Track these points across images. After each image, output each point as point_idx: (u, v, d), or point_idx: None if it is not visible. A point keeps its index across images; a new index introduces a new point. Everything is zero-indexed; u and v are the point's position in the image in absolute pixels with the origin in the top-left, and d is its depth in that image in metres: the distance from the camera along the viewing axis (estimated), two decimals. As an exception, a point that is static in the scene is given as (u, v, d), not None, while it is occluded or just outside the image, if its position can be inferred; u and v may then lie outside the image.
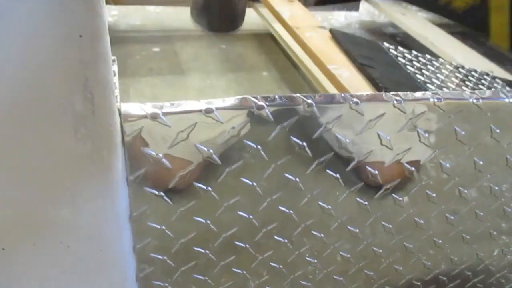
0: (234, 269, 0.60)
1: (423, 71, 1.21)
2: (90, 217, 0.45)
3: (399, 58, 1.23)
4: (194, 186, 0.50)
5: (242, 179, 0.51)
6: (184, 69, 1.77)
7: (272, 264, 0.62)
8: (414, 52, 1.34)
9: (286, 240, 0.60)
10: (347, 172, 0.55)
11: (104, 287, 0.51)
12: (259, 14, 1.78)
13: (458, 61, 1.66)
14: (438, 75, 1.23)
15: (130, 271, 0.53)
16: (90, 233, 0.46)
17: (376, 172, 0.56)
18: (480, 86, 1.26)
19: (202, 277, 0.59)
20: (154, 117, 0.43)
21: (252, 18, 1.97)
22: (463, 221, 0.68)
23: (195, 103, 0.45)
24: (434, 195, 0.62)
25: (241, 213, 0.54)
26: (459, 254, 0.75)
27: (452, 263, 0.76)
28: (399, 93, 0.52)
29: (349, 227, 0.61)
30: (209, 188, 0.50)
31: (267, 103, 0.47)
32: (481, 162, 0.61)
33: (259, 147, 0.49)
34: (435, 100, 0.52)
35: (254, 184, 0.52)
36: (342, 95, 0.49)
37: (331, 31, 1.25)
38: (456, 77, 1.26)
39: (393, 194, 0.60)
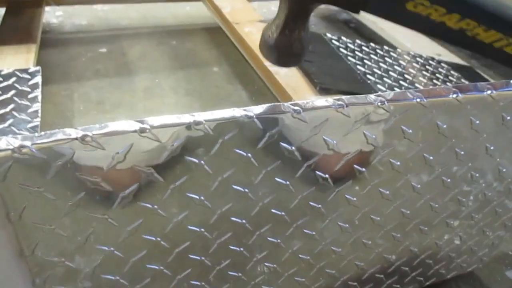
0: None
1: (365, 61, 1.20)
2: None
3: (341, 49, 1.22)
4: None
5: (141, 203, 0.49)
6: (132, 69, 1.72)
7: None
8: (357, 41, 1.32)
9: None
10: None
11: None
12: (208, 7, 1.74)
13: (406, 46, 1.65)
14: (381, 64, 1.22)
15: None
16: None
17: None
18: (424, 72, 1.26)
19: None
20: (20, 151, 0.40)
21: (202, 11, 1.92)
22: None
23: (72, 131, 0.42)
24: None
25: (148, 237, 0.52)
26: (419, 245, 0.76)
27: (412, 253, 0.76)
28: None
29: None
30: (105, 216, 0.48)
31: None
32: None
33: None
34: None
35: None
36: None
37: (270, 25, 1.22)
38: (400, 65, 1.25)
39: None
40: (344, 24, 2.26)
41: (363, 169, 0.58)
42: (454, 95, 0.55)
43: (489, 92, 0.57)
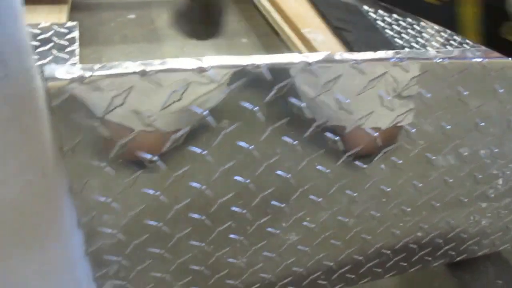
0: (191, 242, 0.58)
1: (403, 35, 1.17)
2: (20, 192, 0.41)
3: (378, 22, 1.19)
4: (139, 155, 0.46)
5: (190, 148, 0.48)
6: (160, 37, 1.71)
7: (232, 236, 0.59)
8: (394, 15, 1.29)
9: (245, 211, 0.57)
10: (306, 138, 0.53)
11: (49, 265, 0.49)
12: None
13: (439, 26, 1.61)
14: (419, 39, 1.19)
15: (76, 247, 0.51)
16: (24, 210, 0.43)
17: (337, 138, 0.53)
18: (462, 50, 1.23)
19: (158, 250, 0.57)
20: (82, 80, 0.39)
21: (231, -18, 1.90)
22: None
23: (130, 65, 0.41)
24: (401, 161, 0.60)
25: (194, 184, 0.51)
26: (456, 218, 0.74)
27: (449, 226, 0.75)
28: (357, 53, 0.48)
29: (311, 197, 0.59)
30: (155, 158, 0.47)
31: (210, 65, 0.43)
32: (449, 127, 0.58)
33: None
34: (397, 60, 0.49)
35: (204, 153, 0.49)
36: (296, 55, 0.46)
37: (307, -7, 1.20)
38: (437, 41, 1.22)
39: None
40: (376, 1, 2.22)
41: (412, 130, 0.56)
42: (515, 58, 0.53)
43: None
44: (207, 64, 0.42)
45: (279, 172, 0.54)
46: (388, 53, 0.49)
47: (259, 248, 0.63)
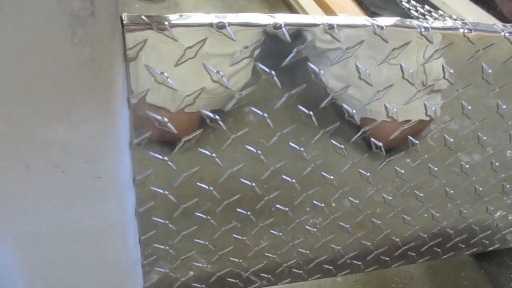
0: (238, 209, 0.57)
1: (436, 25, 1.16)
2: (87, 139, 0.41)
3: (412, 11, 1.18)
4: (201, 114, 0.46)
5: (252, 108, 0.47)
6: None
7: (278, 206, 0.59)
8: (427, 7, 1.28)
9: (294, 181, 0.57)
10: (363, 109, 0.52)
11: (101, 218, 0.48)
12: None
13: (468, 20, 1.59)
14: (451, 30, 1.18)
15: (129, 204, 0.50)
16: (87, 158, 0.42)
17: (395, 110, 0.52)
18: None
19: (205, 216, 0.56)
20: (160, 28, 0.39)
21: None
22: (478, 171, 0.66)
23: (206, 16, 0.41)
24: (452, 140, 0.59)
25: (250, 148, 0.51)
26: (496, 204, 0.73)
27: (487, 213, 0.74)
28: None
29: (360, 170, 0.58)
30: (217, 117, 0.46)
31: (284, 22, 0.42)
32: (504, 106, 0.57)
33: (273, 72, 0.45)
34: (466, 30, 0.48)
35: (265, 115, 0.48)
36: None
37: (342, -21, 1.19)
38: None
39: (409, 137, 0.57)
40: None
41: (469, 107, 0.55)
42: None
43: None
44: (282, 21, 0.42)
45: (333, 141, 0.54)
46: (457, 23, 0.48)
47: (302, 221, 0.62)
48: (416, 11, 1.20)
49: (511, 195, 0.73)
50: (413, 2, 1.26)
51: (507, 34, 0.50)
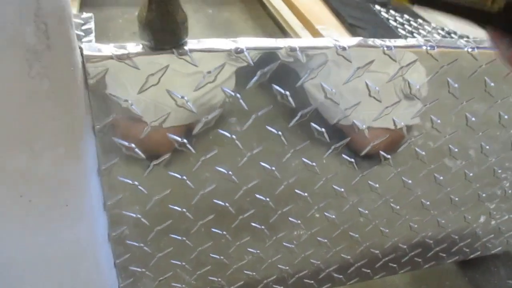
0: (214, 229, 0.57)
1: (415, 34, 1.17)
2: (52, 168, 0.41)
3: (390, 21, 1.19)
4: (169, 138, 0.46)
5: (220, 131, 0.47)
6: (168, 34, 1.71)
7: (253, 224, 0.59)
8: (406, 16, 1.29)
9: (268, 199, 0.57)
10: (333, 127, 0.52)
11: (71, 244, 0.48)
12: (247, -23, 1.71)
13: (450, 28, 1.61)
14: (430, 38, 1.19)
15: (101, 229, 0.50)
16: (53, 186, 0.42)
17: (364, 126, 0.53)
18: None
19: (180, 237, 0.56)
20: (121, 58, 0.39)
21: (240, -18, 1.90)
22: (452, 182, 0.66)
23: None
24: (424, 153, 0.59)
25: (220, 169, 0.51)
26: (473, 213, 0.74)
27: (466, 222, 0.75)
28: (389, 40, 0.48)
29: (334, 186, 0.59)
30: (185, 140, 0.47)
31: (246, 46, 0.43)
32: (473, 119, 0.58)
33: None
34: (428, 47, 0.49)
35: (233, 136, 0.48)
36: (329, 39, 0.46)
37: (320, -9, 1.20)
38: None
39: (381, 152, 0.57)
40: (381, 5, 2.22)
41: (438, 121, 0.56)
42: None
43: None
44: (243, 46, 0.42)
45: (304, 159, 0.54)
46: (420, 41, 0.49)
47: (280, 238, 0.62)
48: (395, 20, 1.22)
49: (487, 203, 0.74)
50: (392, 12, 1.27)
51: (469, 49, 0.50)
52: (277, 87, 0.46)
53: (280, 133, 0.50)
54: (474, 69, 0.52)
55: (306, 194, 0.58)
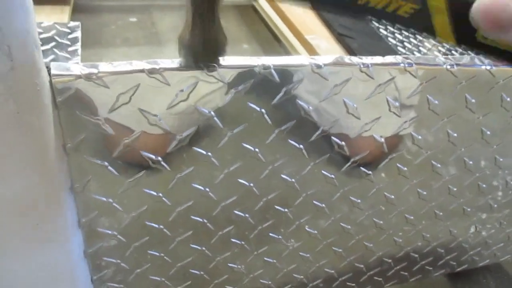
0: (192, 245, 0.57)
1: (405, 43, 1.17)
2: (21, 190, 0.40)
3: (381, 30, 1.19)
4: (142, 156, 0.45)
5: (195, 148, 0.47)
6: (161, 40, 1.70)
7: (233, 240, 0.58)
8: (397, 25, 1.29)
9: (247, 215, 0.56)
10: (312, 142, 0.52)
11: (46, 262, 0.48)
12: (240, -16, 1.71)
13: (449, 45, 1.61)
14: (421, 48, 1.19)
15: (76, 246, 0.50)
16: (23, 208, 0.42)
17: (343, 143, 0.52)
18: (463, 61, 1.23)
19: (158, 253, 0.56)
20: (90, 77, 0.39)
21: (234, -12, 1.90)
22: (436, 196, 0.66)
23: (138, 63, 0.41)
24: (406, 168, 0.59)
25: (197, 186, 0.50)
26: (459, 227, 0.73)
27: (451, 235, 0.74)
28: (366, 57, 0.48)
29: (314, 202, 0.58)
30: (159, 158, 0.46)
31: (221, 64, 0.42)
32: (455, 135, 0.58)
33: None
34: (406, 65, 0.48)
35: (209, 154, 0.48)
36: (304, 57, 0.45)
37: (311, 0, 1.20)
38: (439, 51, 1.22)
39: (361, 167, 0.57)
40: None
41: (419, 137, 0.56)
42: (525, 66, 0.53)
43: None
44: (214, 64, 0.42)
45: (283, 176, 0.53)
46: (397, 58, 0.48)
47: (261, 253, 0.62)
48: (386, 29, 1.21)
49: (473, 218, 0.73)
50: (384, 21, 1.27)
51: (448, 67, 0.50)
52: (253, 105, 0.45)
53: (257, 150, 0.49)
54: (454, 86, 0.52)
55: (286, 210, 0.57)
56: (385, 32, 1.20)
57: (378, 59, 0.47)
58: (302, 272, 0.68)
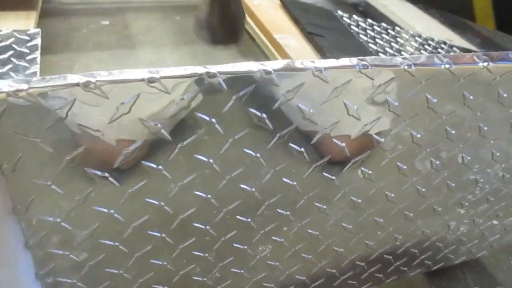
0: (152, 260, 0.55)
1: (377, 40, 1.15)
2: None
3: (352, 27, 1.17)
4: (88, 172, 0.43)
5: (144, 162, 0.45)
6: (134, 43, 1.67)
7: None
8: (369, 20, 1.28)
9: (249, 220, 0.55)
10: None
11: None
12: (213, -17, 1.69)
13: (417, 30, 1.61)
14: (393, 44, 1.18)
15: (25, 270, 0.47)
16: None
17: (302, 149, 0.51)
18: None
19: (116, 271, 0.53)
20: (19, 94, 0.36)
21: (208, -12, 1.87)
22: (405, 198, 0.64)
23: (74, 77, 0.38)
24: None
25: (151, 200, 0.48)
26: (431, 227, 0.73)
27: (424, 235, 0.73)
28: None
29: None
30: (106, 174, 0.44)
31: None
32: (418, 136, 0.56)
33: (213, 120, 0.44)
34: (361, 67, 0.47)
35: (160, 167, 0.46)
36: (254, 63, 0.43)
37: (280, -2, 1.18)
38: (412, 46, 1.21)
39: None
40: (353, 7, 2.21)
41: (382, 139, 0.54)
42: (484, 64, 0.52)
43: (520, 62, 0.53)
44: (157, 75, 0.39)
45: (242, 185, 0.51)
46: (353, 61, 0.47)
47: (227, 264, 0.60)
48: (358, 26, 1.20)
49: (445, 216, 0.72)
50: (355, 17, 1.26)
51: (406, 67, 0.48)
52: (202, 115, 0.43)
53: (211, 160, 0.47)
54: (414, 85, 0.51)
55: (249, 219, 0.56)
56: (356, 29, 1.19)
57: (332, 62, 0.46)
58: (272, 280, 0.66)
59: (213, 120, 0.44)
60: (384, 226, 0.67)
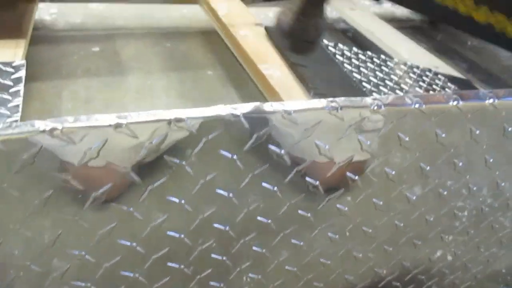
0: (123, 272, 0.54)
1: (361, 69, 1.17)
2: None
3: (337, 56, 1.19)
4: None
5: (114, 204, 0.45)
6: (124, 69, 1.68)
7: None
8: (354, 49, 1.30)
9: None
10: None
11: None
12: (205, 10, 1.71)
13: (403, 57, 1.63)
14: (377, 72, 1.19)
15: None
16: None
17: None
18: (421, 83, 1.24)
19: (83, 284, 0.53)
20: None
21: (199, 15, 1.89)
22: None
23: (41, 123, 0.39)
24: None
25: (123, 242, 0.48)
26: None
27: (405, 269, 0.73)
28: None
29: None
30: (76, 217, 0.44)
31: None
32: (393, 173, 0.57)
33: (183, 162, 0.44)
34: (331, 109, 0.47)
35: (131, 209, 0.46)
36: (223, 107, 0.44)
37: (266, 28, 1.19)
38: (396, 74, 1.23)
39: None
40: (342, 33, 2.24)
41: (356, 178, 0.54)
42: (455, 102, 0.52)
43: (491, 100, 0.54)
44: (125, 120, 0.40)
45: (216, 224, 0.51)
46: (322, 102, 0.47)
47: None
48: (342, 55, 1.22)
49: (425, 250, 0.72)
50: (340, 46, 1.28)
51: (375, 108, 0.49)
52: (171, 158, 0.44)
53: (183, 201, 0.47)
54: (386, 125, 0.51)
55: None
56: (341, 58, 1.20)
57: (301, 104, 0.46)
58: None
59: (183, 162, 0.44)
60: (364, 260, 0.67)
